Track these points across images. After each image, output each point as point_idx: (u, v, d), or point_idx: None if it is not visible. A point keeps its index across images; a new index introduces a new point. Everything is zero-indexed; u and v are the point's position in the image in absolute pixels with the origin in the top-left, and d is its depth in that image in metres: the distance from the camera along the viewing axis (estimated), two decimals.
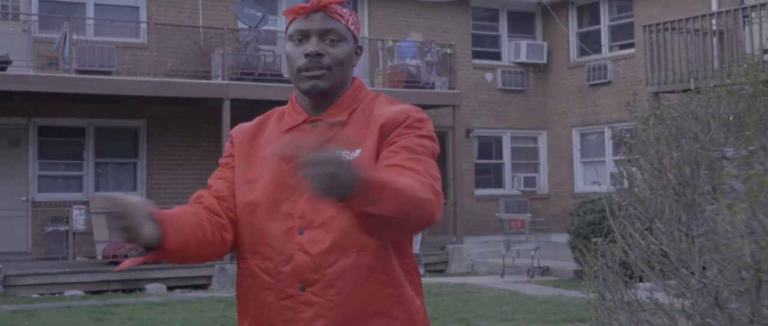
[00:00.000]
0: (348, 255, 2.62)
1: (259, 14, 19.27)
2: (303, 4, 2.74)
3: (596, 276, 5.03)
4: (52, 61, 18.62)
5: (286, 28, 2.79)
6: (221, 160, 2.91)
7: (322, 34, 2.72)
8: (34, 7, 19.19)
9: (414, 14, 22.88)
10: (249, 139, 2.86)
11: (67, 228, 18.08)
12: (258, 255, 2.71)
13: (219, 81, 18.68)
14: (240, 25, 19.75)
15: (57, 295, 15.80)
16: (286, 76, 19.24)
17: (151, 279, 16.93)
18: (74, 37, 17.98)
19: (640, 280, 5.02)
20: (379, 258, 2.65)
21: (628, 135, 5.19)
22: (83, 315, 12.99)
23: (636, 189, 4.76)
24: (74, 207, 18.29)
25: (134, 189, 19.55)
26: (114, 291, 16.47)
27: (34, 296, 15.61)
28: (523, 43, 24.11)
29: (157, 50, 19.06)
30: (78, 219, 18.12)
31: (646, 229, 4.63)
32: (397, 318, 2.67)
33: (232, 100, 18.11)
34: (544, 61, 24.34)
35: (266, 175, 2.73)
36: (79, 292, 16.10)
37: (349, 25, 2.79)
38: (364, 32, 22.17)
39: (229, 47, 19.04)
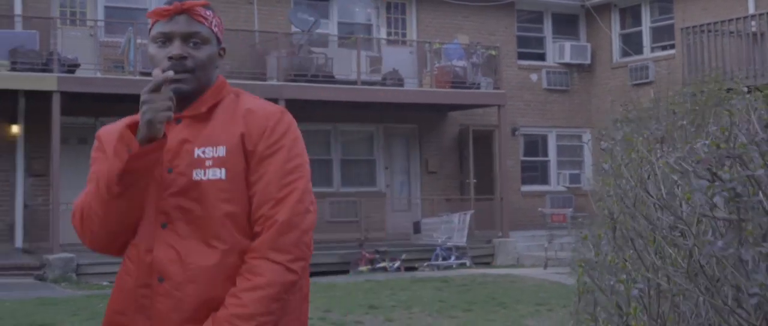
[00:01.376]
0: (213, 253, 2.67)
1: (312, 19, 20.25)
2: (166, 7, 2.76)
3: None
4: (118, 64, 19.67)
5: (149, 30, 2.82)
6: (93, 168, 2.87)
7: (186, 37, 2.75)
8: (100, 13, 20.33)
9: (461, 17, 23.69)
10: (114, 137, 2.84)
11: None
12: (131, 240, 2.77)
13: (274, 82, 19.67)
14: (293, 29, 20.71)
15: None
16: (338, 76, 20.23)
17: None
18: (138, 40, 19.04)
19: None
20: (242, 259, 2.69)
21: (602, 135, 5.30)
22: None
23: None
24: None
25: None
26: None
27: (105, 283, 16.65)
28: (567, 45, 24.83)
29: None
30: None
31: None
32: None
33: (287, 100, 19.07)
34: (588, 61, 25.04)
35: None
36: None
37: (213, 28, 2.82)
38: (413, 35, 23.05)
39: (284, 50, 20.02)
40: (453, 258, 19.85)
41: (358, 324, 10.83)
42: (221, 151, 2.70)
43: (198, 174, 2.69)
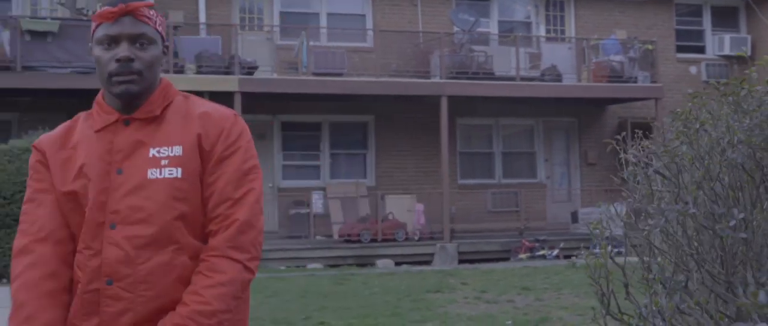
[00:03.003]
0: (164, 253, 2.65)
1: (472, 18, 21.28)
2: (111, 9, 2.72)
3: None
4: (292, 65, 21.07)
5: (93, 32, 2.77)
6: (34, 186, 2.82)
7: (132, 39, 2.72)
8: (276, 19, 21.86)
9: (618, 13, 24.24)
10: (59, 147, 2.81)
11: (307, 210, 20.65)
12: (77, 246, 2.74)
13: (437, 80, 20.78)
14: (455, 28, 21.78)
15: (300, 268, 18.29)
16: (498, 73, 21.19)
17: (381, 255, 19.22)
18: (310, 43, 20.45)
19: None
20: (194, 259, 2.70)
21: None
22: (325, 281, 15.33)
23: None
24: (313, 192, 20.84)
25: (364, 176, 21.92)
26: (349, 265, 18.80)
27: (282, 268, 18.11)
28: (727, 37, 25.01)
29: (382, 53, 21.34)
30: (317, 203, 20.68)
31: None
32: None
33: (449, 97, 20.17)
34: (748, 53, 25.16)
35: (83, 169, 2.73)
36: (319, 266, 18.54)
37: (157, 27, 2.79)
38: (571, 31, 23.76)
39: (446, 49, 21.09)
40: (610, 247, 20.44)
41: (509, 302, 11.83)
42: (177, 150, 2.71)
43: (153, 173, 2.69)
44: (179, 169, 2.69)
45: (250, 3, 21.93)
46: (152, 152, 2.71)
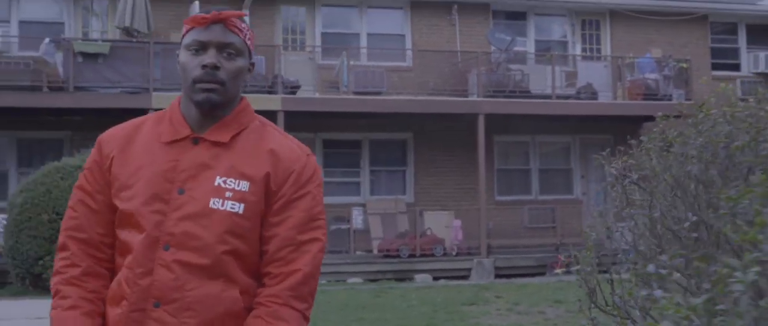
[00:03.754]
0: (215, 284, 2.61)
1: (508, 38, 21.76)
2: (204, 15, 2.70)
3: None
4: (333, 85, 21.62)
5: (182, 37, 2.75)
6: (85, 185, 2.79)
7: (221, 47, 2.69)
8: (318, 39, 22.47)
9: (653, 31, 24.58)
10: (124, 146, 2.77)
11: (348, 226, 21.17)
12: (123, 262, 2.68)
13: (474, 98, 21.27)
14: (492, 47, 22.26)
15: (341, 282, 18.80)
16: (534, 91, 21.63)
17: (419, 270, 19.70)
18: (351, 63, 21.02)
19: None
20: (244, 294, 2.65)
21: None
22: (364, 294, 15.85)
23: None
24: (353, 208, 21.38)
25: (403, 193, 22.42)
26: (388, 279, 19.28)
27: (323, 282, 18.63)
28: (762, 54, 25.25)
29: (420, 72, 21.87)
30: (357, 218, 21.21)
31: None
32: None
33: (486, 115, 20.65)
34: None
35: (141, 184, 2.67)
36: (359, 280, 19.04)
37: (247, 40, 2.76)
38: (606, 50, 24.16)
39: (483, 68, 21.57)
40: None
41: (540, 314, 12.30)
42: (244, 185, 2.64)
43: (215, 203, 2.63)
44: (242, 205, 2.63)
45: (292, 24, 22.55)
46: (218, 181, 2.65)
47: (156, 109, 15.18)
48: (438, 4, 23.00)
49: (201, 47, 2.69)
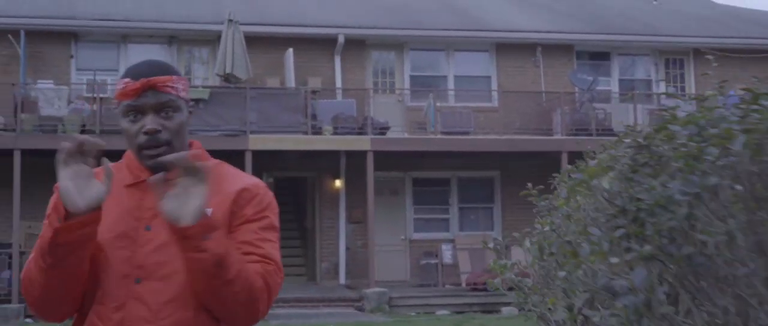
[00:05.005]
0: (187, 310, 2.60)
1: (590, 78, 22.38)
2: (133, 87, 2.67)
3: None
4: (421, 125, 22.36)
5: (117, 103, 2.73)
6: (52, 221, 2.58)
7: (158, 109, 2.68)
8: (406, 82, 23.39)
9: (738, 68, 24.74)
10: None
11: (437, 261, 21.92)
12: (95, 298, 2.66)
13: (558, 137, 21.88)
14: (576, 87, 22.88)
15: (429, 314, 19.52)
16: (616, 129, 22.16)
17: (506, 303, 20.26)
18: (438, 104, 21.84)
19: None
20: (214, 319, 2.63)
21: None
22: (448, 324, 16.60)
23: None
24: (442, 244, 22.12)
25: (491, 229, 23.06)
26: (474, 311, 19.93)
27: (412, 314, 19.39)
28: None
29: (505, 112, 22.58)
30: (446, 253, 21.95)
31: None
32: None
33: (569, 153, 21.22)
34: None
35: (109, 220, 2.63)
36: (446, 312, 19.74)
37: (180, 94, 2.73)
38: (691, 88, 24.51)
39: (566, 107, 22.19)
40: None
41: None
42: (207, 211, 2.54)
43: None
44: None
45: (382, 67, 23.50)
46: None
47: (253, 151, 16.21)
48: (523, 47, 23.73)
49: (138, 112, 2.69)
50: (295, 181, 23.82)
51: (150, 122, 2.66)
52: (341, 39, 22.57)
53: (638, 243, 3.30)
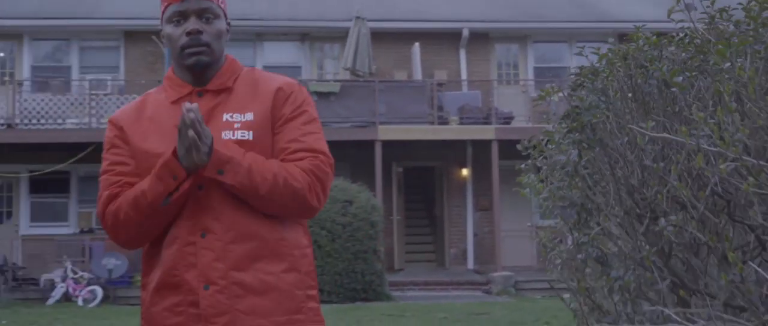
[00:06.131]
0: (243, 205, 2.81)
1: None
2: None
3: None
4: (545, 115, 22.84)
5: (162, 13, 2.94)
6: (111, 159, 2.95)
7: (199, 14, 2.89)
8: (530, 73, 23.85)
9: None
10: (135, 119, 2.96)
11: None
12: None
13: None
14: None
15: (554, 297, 19.97)
16: None
17: None
18: (559, 94, 22.24)
19: None
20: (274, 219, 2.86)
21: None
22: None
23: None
24: None
25: None
26: None
27: (538, 297, 19.91)
28: None
29: None
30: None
31: None
32: (284, 260, 2.85)
33: None
34: None
35: (160, 138, 2.88)
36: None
37: (220, 4, 2.95)
38: None
39: None
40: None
41: None
42: (249, 116, 2.85)
43: (226, 135, 2.83)
44: (250, 133, 2.85)
45: (506, 59, 24.06)
46: (226, 117, 2.87)
47: (382, 141, 17.26)
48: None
49: (181, 17, 2.90)
50: (424, 171, 24.35)
51: (192, 24, 2.88)
52: (466, 33, 23.15)
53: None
